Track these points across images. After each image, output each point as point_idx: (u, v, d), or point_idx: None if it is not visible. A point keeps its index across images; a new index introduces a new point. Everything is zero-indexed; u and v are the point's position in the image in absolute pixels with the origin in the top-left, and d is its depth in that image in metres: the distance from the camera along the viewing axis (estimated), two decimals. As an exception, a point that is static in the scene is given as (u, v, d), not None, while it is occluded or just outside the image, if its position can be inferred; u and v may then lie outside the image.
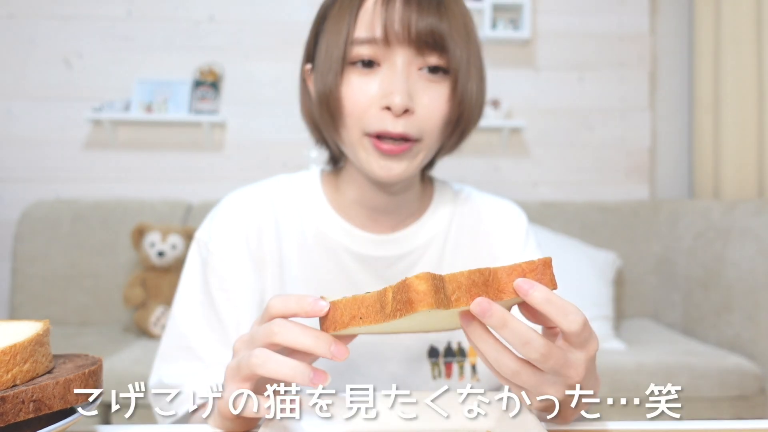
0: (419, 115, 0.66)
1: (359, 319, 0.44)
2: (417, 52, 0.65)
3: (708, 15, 2.55)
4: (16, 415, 0.43)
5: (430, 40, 0.65)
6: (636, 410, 2.15)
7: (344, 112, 0.67)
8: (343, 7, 0.67)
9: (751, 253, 1.99)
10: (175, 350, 0.75)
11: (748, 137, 2.42)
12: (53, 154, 2.62)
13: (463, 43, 0.67)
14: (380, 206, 0.75)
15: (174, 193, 2.62)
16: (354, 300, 0.44)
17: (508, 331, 0.43)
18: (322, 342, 0.45)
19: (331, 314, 0.45)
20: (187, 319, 0.75)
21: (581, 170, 2.76)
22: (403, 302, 0.41)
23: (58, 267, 2.41)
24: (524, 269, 0.44)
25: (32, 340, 0.47)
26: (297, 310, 0.47)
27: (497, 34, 2.62)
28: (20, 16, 2.60)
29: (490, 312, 0.42)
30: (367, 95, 0.66)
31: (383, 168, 0.67)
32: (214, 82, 2.63)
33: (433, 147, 0.70)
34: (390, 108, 0.64)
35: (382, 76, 0.66)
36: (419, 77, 0.67)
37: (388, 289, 0.42)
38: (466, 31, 0.68)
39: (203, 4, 2.65)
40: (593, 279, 2.18)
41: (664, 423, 0.58)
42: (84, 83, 2.62)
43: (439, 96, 0.67)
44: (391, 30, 0.64)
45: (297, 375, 0.45)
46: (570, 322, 0.44)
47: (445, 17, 0.65)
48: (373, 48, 0.65)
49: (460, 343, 0.77)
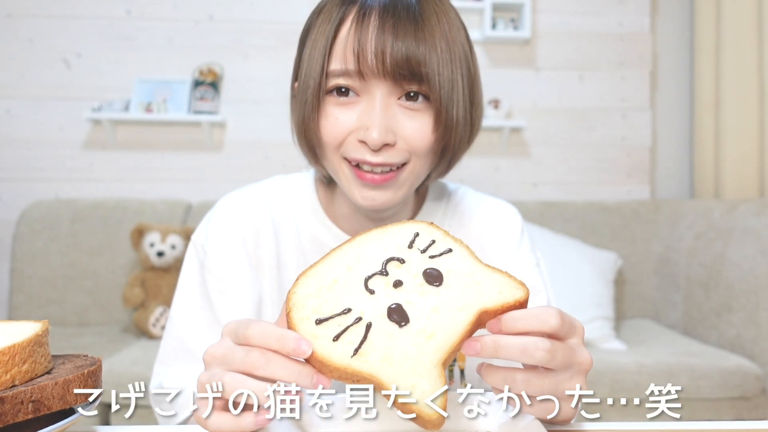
0: (401, 147, 0.64)
1: (352, 381, 0.43)
2: (394, 83, 0.62)
3: (708, 15, 2.54)
4: (15, 416, 0.42)
5: (405, 71, 0.61)
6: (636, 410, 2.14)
7: (322, 143, 0.66)
8: (320, 33, 0.65)
9: (752, 253, 1.98)
10: (175, 353, 0.75)
11: (748, 137, 2.42)
12: (53, 154, 2.62)
13: (445, 68, 0.62)
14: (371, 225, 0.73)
15: (174, 193, 2.61)
16: (348, 371, 0.43)
17: (505, 350, 0.43)
18: (305, 375, 0.44)
19: (318, 367, 0.44)
20: (186, 323, 0.75)
21: (581, 170, 2.76)
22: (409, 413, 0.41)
23: (57, 267, 2.41)
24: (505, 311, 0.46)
25: (31, 341, 0.47)
26: (278, 349, 0.44)
27: (497, 34, 2.62)
28: (19, 15, 2.60)
29: (480, 346, 0.43)
30: (345, 126, 0.64)
31: (366, 198, 0.66)
32: (213, 81, 2.62)
33: (420, 173, 0.68)
34: (366, 143, 0.62)
35: (360, 108, 0.64)
36: (399, 107, 0.64)
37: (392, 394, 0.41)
38: (450, 52, 0.63)
39: (203, 4, 2.65)
40: (593, 279, 2.18)
41: (664, 423, 0.58)
42: (83, 83, 2.62)
43: (422, 126, 0.64)
44: (364, 62, 0.61)
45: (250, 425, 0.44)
46: (546, 322, 0.45)
47: (423, 41, 0.61)
48: (348, 80, 0.63)
49: None
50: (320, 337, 0.44)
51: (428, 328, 0.44)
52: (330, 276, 0.48)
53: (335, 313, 0.46)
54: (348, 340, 0.44)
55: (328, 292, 0.47)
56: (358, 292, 0.47)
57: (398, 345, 0.43)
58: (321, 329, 0.45)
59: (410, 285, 0.47)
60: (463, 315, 0.45)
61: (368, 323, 0.45)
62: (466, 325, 0.44)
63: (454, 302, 0.46)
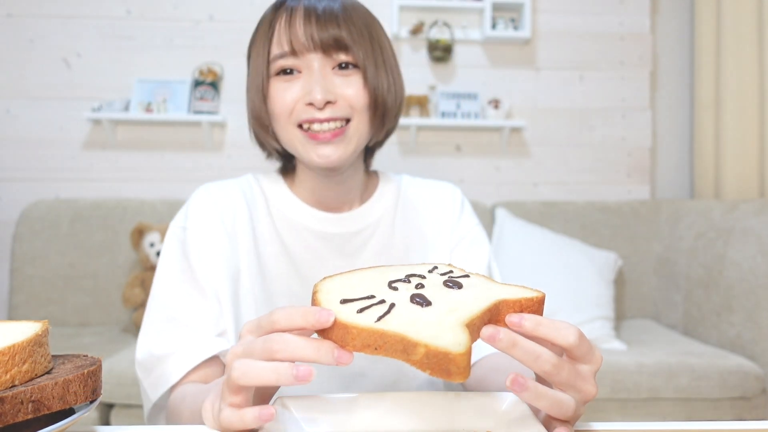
0: (341, 104, 0.76)
1: (374, 349, 0.43)
2: (325, 55, 0.75)
3: (708, 15, 2.55)
4: (14, 416, 0.42)
5: (333, 44, 0.75)
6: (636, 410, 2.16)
7: (275, 114, 0.77)
8: (259, 36, 0.79)
9: (752, 253, 1.98)
10: (160, 323, 0.77)
11: (749, 137, 2.42)
12: (53, 154, 2.62)
13: (366, 42, 0.77)
14: (331, 193, 0.85)
15: (174, 193, 2.61)
16: (374, 332, 0.43)
17: (518, 350, 0.44)
18: (325, 351, 0.44)
19: (341, 336, 0.44)
20: (169, 293, 0.78)
21: (581, 170, 2.76)
22: (437, 367, 0.41)
23: (57, 267, 2.41)
24: (522, 304, 0.47)
25: (31, 341, 0.47)
26: (303, 324, 0.45)
27: (497, 34, 2.62)
28: (20, 15, 2.60)
29: (498, 336, 0.44)
30: (292, 96, 0.76)
31: (321, 156, 0.76)
32: (213, 81, 2.62)
33: (361, 129, 0.79)
34: (313, 104, 0.74)
35: (302, 80, 0.76)
36: (335, 74, 0.77)
37: (419, 345, 0.41)
38: (369, 33, 0.78)
39: (203, 4, 2.65)
40: (594, 279, 2.18)
41: (664, 423, 0.58)
42: (83, 83, 2.62)
43: (355, 85, 0.77)
44: (297, 42, 0.75)
45: (281, 377, 0.45)
46: (565, 336, 0.46)
47: (344, 26, 0.75)
48: (288, 60, 0.76)
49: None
50: (344, 312, 0.45)
51: (450, 306, 0.46)
52: (355, 278, 0.51)
53: (360, 297, 0.47)
54: (372, 313, 0.45)
55: (351, 288, 0.49)
56: (382, 287, 0.49)
57: (422, 317, 0.44)
58: (345, 307, 0.46)
59: (432, 288, 0.49)
60: (483, 301, 0.46)
61: (392, 303, 0.46)
62: (486, 306, 0.45)
63: (474, 295, 0.47)
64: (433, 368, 0.41)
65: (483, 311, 0.45)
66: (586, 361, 0.48)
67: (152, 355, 0.75)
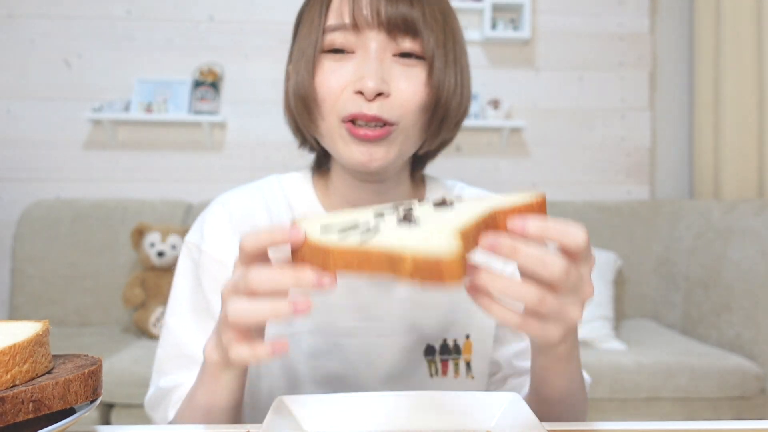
0: (394, 99, 0.64)
1: (357, 269, 0.40)
2: (389, 36, 0.64)
3: (708, 15, 2.55)
4: (15, 416, 0.43)
5: (401, 24, 0.63)
6: (635, 410, 2.17)
7: (318, 99, 0.66)
8: (315, 2, 0.68)
9: (752, 253, 1.99)
10: (172, 360, 0.73)
11: (748, 137, 2.42)
12: (53, 154, 2.62)
13: (439, 29, 0.65)
14: (371, 198, 0.74)
15: (174, 193, 2.62)
16: (356, 252, 0.40)
17: (523, 256, 0.42)
18: (307, 276, 0.42)
19: (321, 257, 0.41)
20: (182, 328, 0.73)
21: (581, 170, 2.76)
22: (428, 275, 0.37)
23: (57, 267, 2.41)
24: (521, 209, 0.43)
25: (32, 341, 0.47)
26: (270, 241, 0.45)
27: (497, 34, 2.62)
28: (20, 16, 2.60)
29: (499, 243, 0.42)
30: (341, 80, 0.65)
31: (363, 153, 0.65)
32: (214, 82, 2.63)
33: (411, 134, 0.68)
34: (362, 92, 0.63)
35: (355, 62, 0.65)
36: (394, 62, 0.65)
37: (405, 255, 0.38)
38: (443, 17, 0.66)
39: (203, 4, 2.65)
40: (593, 279, 2.18)
41: (664, 423, 0.58)
42: (84, 83, 2.62)
43: (415, 80, 0.65)
44: (359, 15, 0.63)
45: (279, 311, 0.44)
46: (575, 238, 0.43)
47: (418, 4, 0.64)
48: (344, 35, 0.65)
49: (455, 340, 0.78)
50: (324, 238, 0.42)
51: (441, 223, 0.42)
52: (340, 214, 0.48)
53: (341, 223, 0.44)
54: (354, 237, 0.42)
55: (334, 218, 0.47)
56: (368, 217, 0.46)
57: (409, 235, 0.41)
58: (325, 234, 0.43)
59: (422, 212, 0.46)
60: (477, 211, 0.43)
61: (376, 226, 0.43)
62: (479, 215, 0.42)
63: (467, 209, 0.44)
64: (424, 276, 0.37)
65: (477, 221, 0.41)
66: (587, 262, 0.46)
67: (159, 389, 0.72)
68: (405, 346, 0.77)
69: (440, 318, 0.77)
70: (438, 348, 0.77)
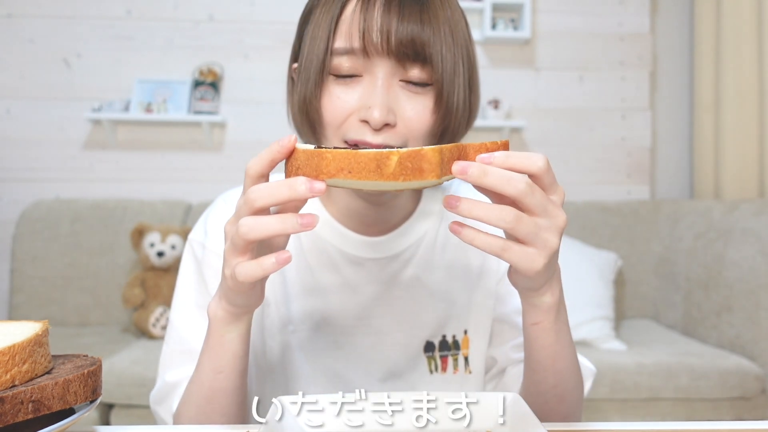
0: (401, 128, 0.63)
1: (347, 173, 0.45)
2: (398, 63, 0.62)
3: (708, 15, 2.55)
4: (15, 416, 0.42)
5: (410, 51, 0.61)
6: (636, 410, 2.16)
7: (323, 122, 0.65)
8: (324, 12, 0.65)
9: (752, 254, 1.98)
10: (178, 356, 0.73)
11: (748, 137, 2.42)
12: (53, 154, 2.62)
13: (449, 52, 0.63)
14: (370, 214, 0.73)
15: (174, 193, 2.62)
16: (346, 154, 0.45)
17: (490, 177, 0.47)
18: (299, 184, 0.46)
19: (316, 162, 0.46)
20: (187, 324, 0.73)
21: (581, 170, 2.76)
22: (411, 169, 0.44)
23: (57, 267, 2.41)
24: (488, 147, 0.49)
25: (31, 341, 0.47)
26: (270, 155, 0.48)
27: (497, 34, 2.62)
28: (20, 16, 2.60)
29: (469, 168, 0.47)
30: (347, 106, 0.64)
31: None
32: (213, 82, 2.63)
33: None
34: (368, 122, 0.62)
35: (362, 88, 0.63)
36: (401, 88, 0.64)
37: (392, 153, 0.44)
38: (453, 37, 0.64)
39: (203, 4, 2.65)
40: (594, 279, 2.18)
41: (664, 423, 0.58)
42: (83, 83, 2.62)
43: (423, 108, 0.64)
44: (369, 40, 0.61)
45: (287, 225, 0.47)
46: (534, 162, 0.49)
47: (428, 24, 0.62)
48: (352, 59, 0.63)
49: (454, 336, 0.78)
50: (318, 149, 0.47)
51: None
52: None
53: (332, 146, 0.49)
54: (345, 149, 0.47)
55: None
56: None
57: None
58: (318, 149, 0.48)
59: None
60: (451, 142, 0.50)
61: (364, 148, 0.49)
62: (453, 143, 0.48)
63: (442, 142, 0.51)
64: (406, 173, 0.44)
65: (451, 145, 0.48)
66: (553, 191, 0.51)
67: (165, 383, 0.72)
68: (404, 344, 0.77)
69: (439, 313, 0.77)
70: (437, 344, 0.77)
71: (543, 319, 0.59)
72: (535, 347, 0.62)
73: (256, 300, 0.57)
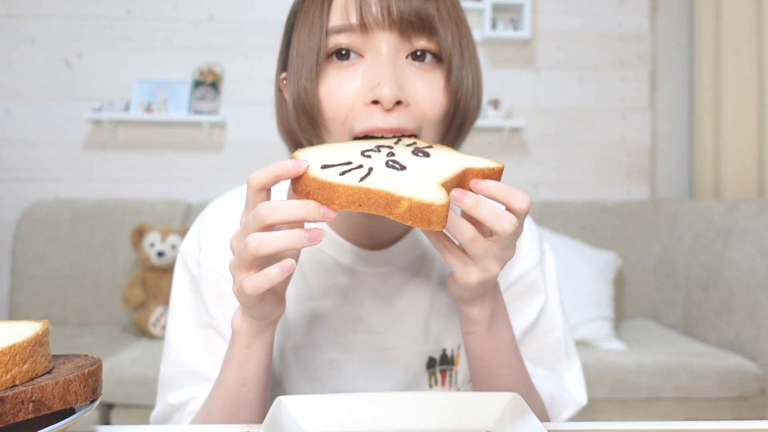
0: (413, 109, 0.58)
1: (357, 206, 0.46)
2: (402, 36, 0.57)
3: (708, 15, 2.55)
4: (15, 416, 0.43)
5: (415, 21, 0.56)
6: (635, 410, 2.17)
7: (325, 116, 0.59)
8: (312, 1, 0.60)
9: (752, 253, 1.99)
10: (180, 377, 0.70)
11: (748, 137, 2.42)
12: (53, 154, 2.62)
13: (454, 26, 0.59)
14: (371, 226, 0.69)
15: (174, 193, 2.62)
16: (358, 189, 0.46)
17: (482, 209, 0.48)
18: (312, 207, 0.46)
19: (327, 193, 0.46)
20: (186, 344, 0.70)
21: (581, 170, 2.76)
22: (419, 218, 0.45)
23: (57, 267, 2.41)
24: (485, 173, 0.52)
25: (32, 341, 0.47)
26: (278, 172, 0.48)
27: (497, 34, 2.62)
28: (20, 16, 2.60)
29: (465, 198, 0.48)
30: (350, 91, 0.58)
31: None
32: (213, 82, 2.63)
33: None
34: (379, 101, 0.56)
35: (365, 68, 0.58)
36: (409, 66, 0.58)
37: (403, 199, 0.45)
38: (456, 13, 0.60)
39: (203, 4, 2.65)
40: (593, 279, 2.18)
41: (664, 423, 0.58)
42: (84, 83, 2.62)
43: (435, 84, 0.59)
44: (367, 13, 0.56)
45: (295, 240, 0.47)
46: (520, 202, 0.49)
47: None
48: (350, 37, 0.57)
49: (452, 350, 0.76)
50: (327, 174, 0.47)
51: (424, 170, 0.49)
52: (329, 149, 0.53)
53: (339, 162, 0.50)
54: (354, 175, 0.47)
55: (328, 156, 0.51)
56: (357, 155, 0.52)
57: (400, 178, 0.48)
58: (326, 171, 0.48)
59: (402, 155, 0.52)
60: (453, 167, 0.51)
61: (370, 167, 0.49)
62: (455, 171, 0.50)
63: (443, 163, 0.51)
64: (415, 219, 0.45)
65: (454, 175, 0.49)
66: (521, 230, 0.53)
67: (169, 405, 0.69)
68: (410, 362, 0.74)
69: (440, 327, 0.75)
70: (438, 359, 0.75)
71: (474, 330, 0.60)
72: (470, 356, 0.63)
73: (274, 310, 0.56)
